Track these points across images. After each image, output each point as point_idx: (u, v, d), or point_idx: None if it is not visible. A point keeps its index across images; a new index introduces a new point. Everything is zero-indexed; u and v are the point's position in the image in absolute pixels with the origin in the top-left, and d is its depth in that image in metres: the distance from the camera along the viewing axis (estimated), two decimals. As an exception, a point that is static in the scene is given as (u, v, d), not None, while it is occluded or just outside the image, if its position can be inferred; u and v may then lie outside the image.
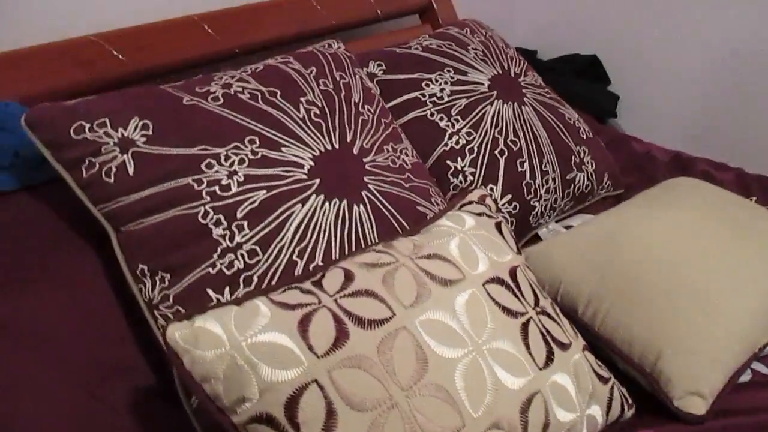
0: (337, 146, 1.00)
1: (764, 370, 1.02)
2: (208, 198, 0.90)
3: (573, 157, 1.34)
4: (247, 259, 0.89)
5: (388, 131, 1.10)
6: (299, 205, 0.93)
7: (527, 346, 0.82)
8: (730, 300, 0.98)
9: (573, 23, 2.31)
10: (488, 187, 1.21)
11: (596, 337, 1.01)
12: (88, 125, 0.90)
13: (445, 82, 1.28)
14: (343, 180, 0.97)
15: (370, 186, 1.00)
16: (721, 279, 1.00)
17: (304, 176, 0.95)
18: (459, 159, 1.22)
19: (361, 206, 0.97)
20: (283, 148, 0.96)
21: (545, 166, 1.28)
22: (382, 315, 0.77)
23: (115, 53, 1.25)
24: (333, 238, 0.93)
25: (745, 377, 1.00)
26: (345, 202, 0.96)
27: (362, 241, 0.95)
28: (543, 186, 1.27)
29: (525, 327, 0.84)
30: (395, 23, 1.81)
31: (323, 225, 0.93)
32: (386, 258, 0.84)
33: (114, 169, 0.90)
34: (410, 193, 1.04)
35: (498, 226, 0.96)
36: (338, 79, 1.10)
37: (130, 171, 0.90)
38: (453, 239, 0.89)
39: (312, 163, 0.96)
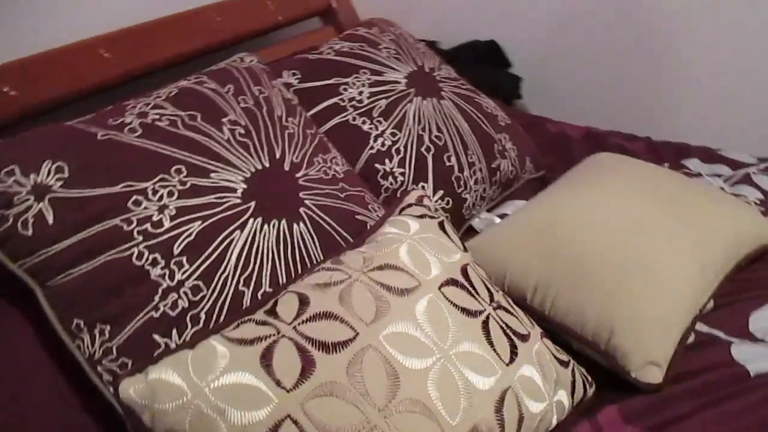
0: (267, 165, 0.96)
1: (704, 329, 1.07)
2: (140, 237, 0.84)
3: (495, 145, 1.35)
4: (191, 297, 0.84)
5: (315, 142, 1.08)
6: (238, 232, 0.89)
7: (491, 344, 0.82)
8: (669, 268, 1.02)
9: (469, 10, 2.34)
10: (419, 186, 1.20)
11: (548, 322, 1.02)
12: (-6, 175, 0.83)
13: (363, 85, 1.26)
14: (279, 199, 0.94)
15: (307, 201, 0.97)
16: (658, 249, 1.04)
17: (239, 200, 0.91)
18: (387, 161, 1.20)
19: (301, 224, 0.94)
20: (212, 174, 0.91)
21: (471, 158, 1.29)
22: (345, 336, 0.74)
23: (5, 90, 1.16)
24: (277, 261, 0.90)
25: (689, 339, 1.04)
26: (284, 221, 0.93)
27: (307, 260, 0.92)
28: (471, 177, 1.28)
29: (486, 325, 0.84)
30: (298, 28, 1.78)
31: (265, 249, 0.90)
32: (338, 275, 0.81)
33: (31, 220, 0.83)
34: (347, 203, 1.02)
35: (441, 225, 0.96)
36: (257, 94, 1.06)
37: (50, 220, 0.83)
38: (401, 246, 0.87)
39: (245, 186, 0.92)
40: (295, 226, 0.93)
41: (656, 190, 1.17)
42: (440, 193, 1.22)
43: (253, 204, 0.91)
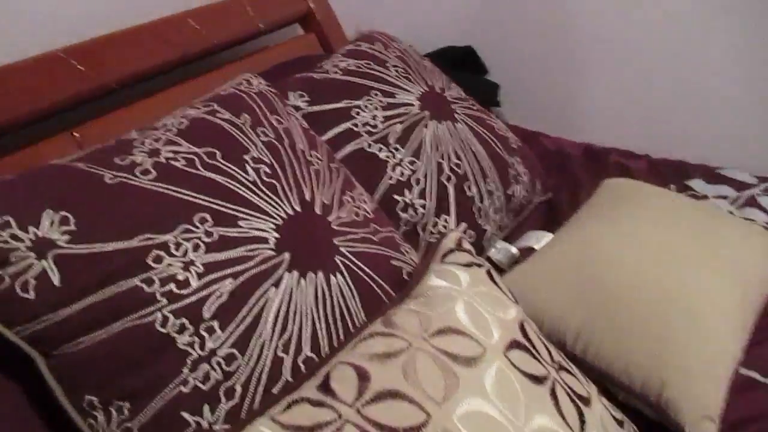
0: (298, 209, 0.86)
1: (741, 370, 1.03)
2: (164, 300, 0.73)
3: (510, 170, 1.28)
4: (225, 367, 0.74)
5: (341, 178, 0.98)
6: (273, 289, 0.78)
7: (561, 415, 0.75)
8: (711, 307, 0.97)
9: (443, 15, 2.28)
10: (442, 219, 1.12)
11: (590, 370, 0.96)
12: (-14, 230, 0.70)
13: (375, 108, 1.17)
14: (314, 248, 0.84)
15: (342, 249, 0.87)
16: (697, 285, 0.99)
17: (272, 252, 0.80)
18: (406, 191, 1.11)
19: (339, 275, 0.84)
20: (241, 222, 0.80)
21: (489, 186, 1.21)
22: (416, 420, 0.66)
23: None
24: (317, 321, 0.80)
25: (731, 383, 1.00)
26: (320, 274, 0.83)
27: (347, 317, 0.83)
28: (490, 207, 1.20)
29: (554, 392, 0.76)
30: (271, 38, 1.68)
31: (303, 307, 0.80)
32: (398, 343, 0.72)
33: (32, 282, 0.71)
34: (381, 248, 0.93)
35: (489, 274, 0.88)
36: (276, 124, 0.95)
37: (55, 281, 0.71)
38: (457, 304, 0.79)
39: (277, 235, 0.82)
40: (332, 278, 0.83)
41: (682, 221, 1.13)
42: (463, 226, 1.14)
43: (287, 256, 0.81)
